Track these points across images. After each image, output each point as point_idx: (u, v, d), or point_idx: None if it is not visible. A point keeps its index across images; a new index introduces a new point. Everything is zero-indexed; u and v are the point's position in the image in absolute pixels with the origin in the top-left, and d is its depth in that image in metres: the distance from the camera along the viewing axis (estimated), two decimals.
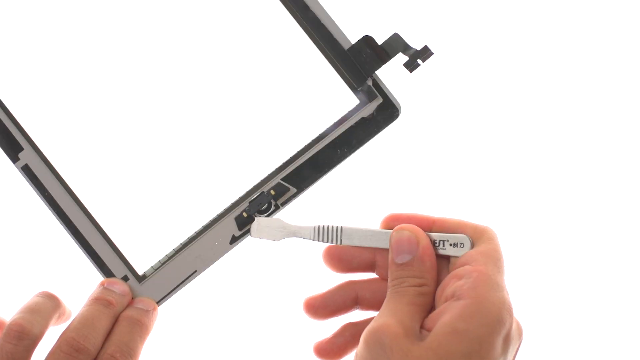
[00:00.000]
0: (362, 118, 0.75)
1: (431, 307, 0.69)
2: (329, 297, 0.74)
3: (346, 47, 0.75)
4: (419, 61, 0.74)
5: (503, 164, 1.05)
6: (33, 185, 0.75)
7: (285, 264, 1.01)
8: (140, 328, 0.72)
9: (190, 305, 1.00)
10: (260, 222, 0.74)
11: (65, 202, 0.75)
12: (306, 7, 0.75)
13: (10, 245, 0.99)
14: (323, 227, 0.74)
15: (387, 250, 0.72)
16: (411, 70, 0.74)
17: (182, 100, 0.76)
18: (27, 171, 0.75)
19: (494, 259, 0.68)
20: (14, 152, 0.75)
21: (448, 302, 0.67)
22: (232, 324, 1.03)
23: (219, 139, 0.77)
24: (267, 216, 0.75)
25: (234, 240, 0.75)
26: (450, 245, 0.71)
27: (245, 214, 0.75)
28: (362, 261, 0.73)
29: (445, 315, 0.66)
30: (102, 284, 0.74)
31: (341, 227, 0.74)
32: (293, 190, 0.75)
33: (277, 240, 0.75)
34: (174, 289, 0.75)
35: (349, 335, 0.74)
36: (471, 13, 1.03)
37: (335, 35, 0.75)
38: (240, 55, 0.77)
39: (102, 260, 0.75)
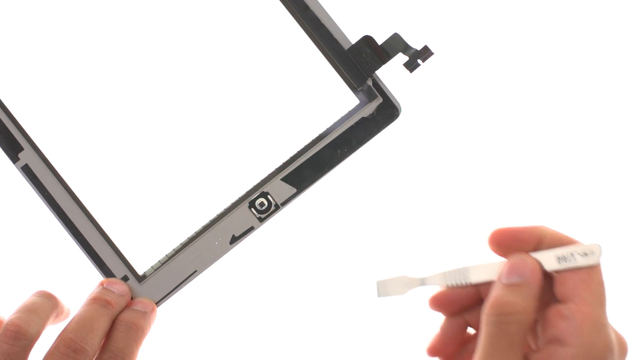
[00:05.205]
0: (362, 118, 0.75)
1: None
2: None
3: (346, 47, 0.75)
4: (419, 61, 0.74)
5: (503, 163, 1.05)
6: (33, 185, 0.75)
7: (285, 264, 1.01)
8: (136, 332, 0.72)
9: (190, 305, 1.00)
10: (385, 283, 0.71)
11: (65, 202, 0.75)
12: (306, 7, 0.75)
13: (10, 245, 0.99)
14: (449, 271, 0.70)
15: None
16: (411, 70, 0.74)
17: (182, 100, 0.76)
18: (27, 171, 0.75)
19: (599, 294, 0.65)
20: (14, 152, 0.75)
21: (553, 346, 0.65)
22: (232, 324, 1.03)
23: (219, 138, 0.77)
24: (268, 216, 0.75)
25: (234, 240, 0.75)
26: (580, 255, 0.66)
27: None
28: (469, 297, 0.70)
29: None
30: (101, 283, 0.74)
31: (467, 267, 0.70)
32: (293, 190, 0.75)
33: (404, 294, 0.71)
34: (174, 289, 0.75)
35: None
36: (471, 13, 1.03)
37: (335, 35, 0.75)
38: (240, 55, 0.76)
39: (102, 260, 0.75)
